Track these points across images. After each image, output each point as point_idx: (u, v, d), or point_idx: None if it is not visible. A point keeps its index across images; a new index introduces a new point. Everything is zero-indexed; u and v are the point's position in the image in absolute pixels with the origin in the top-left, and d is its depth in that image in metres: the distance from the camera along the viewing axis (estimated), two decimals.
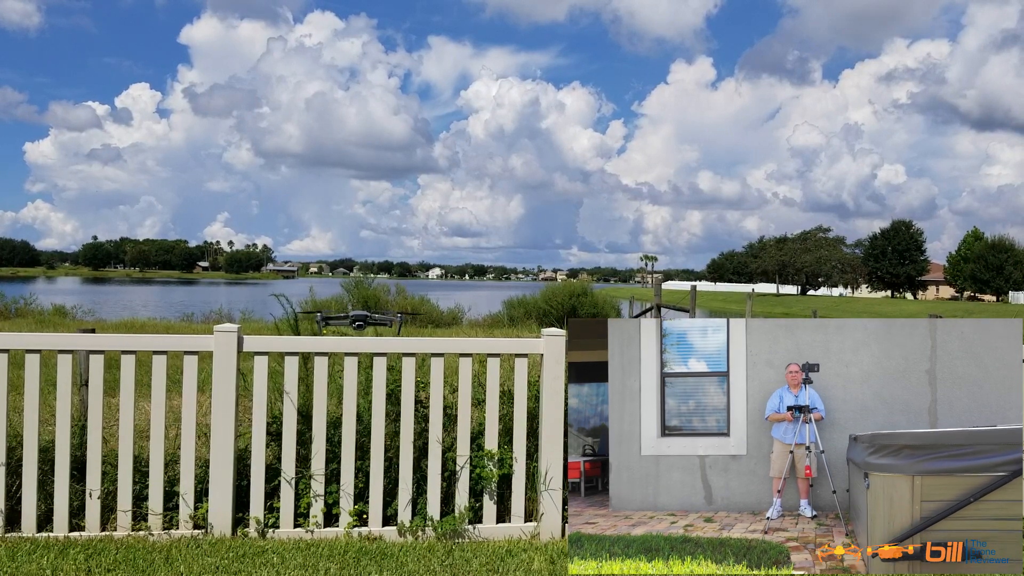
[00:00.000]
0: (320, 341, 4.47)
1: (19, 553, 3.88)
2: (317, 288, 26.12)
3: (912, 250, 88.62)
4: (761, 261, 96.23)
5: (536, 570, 3.92)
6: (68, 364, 4.20)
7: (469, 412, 4.53)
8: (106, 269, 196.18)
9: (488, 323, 24.77)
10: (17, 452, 4.29)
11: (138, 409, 4.44)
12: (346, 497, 4.40)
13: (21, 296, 23.11)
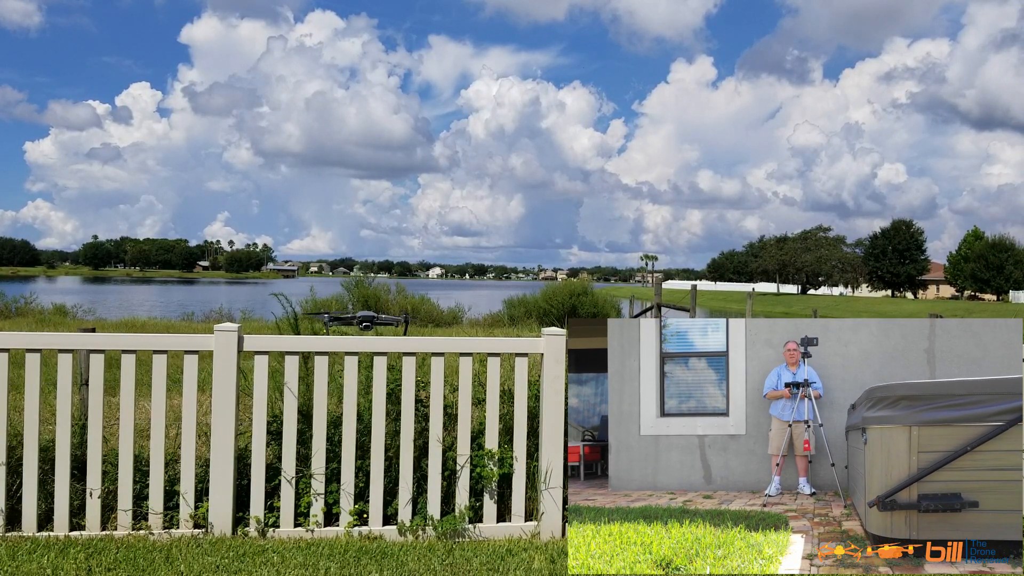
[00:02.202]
0: (320, 340, 4.47)
1: (20, 552, 3.88)
2: (317, 287, 26.14)
3: (912, 249, 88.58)
4: (761, 260, 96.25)
5: (536, 569, 3.92)
6: (68, 363, 4.20)
7: (469, 411, 4.53)
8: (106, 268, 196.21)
9: (488, 322, 24.77)
10: (18, 451, 4.30)
11: (138, 408, 4.44)
12: (346, 496, 4.40)
13: (21, 295, 23.11)
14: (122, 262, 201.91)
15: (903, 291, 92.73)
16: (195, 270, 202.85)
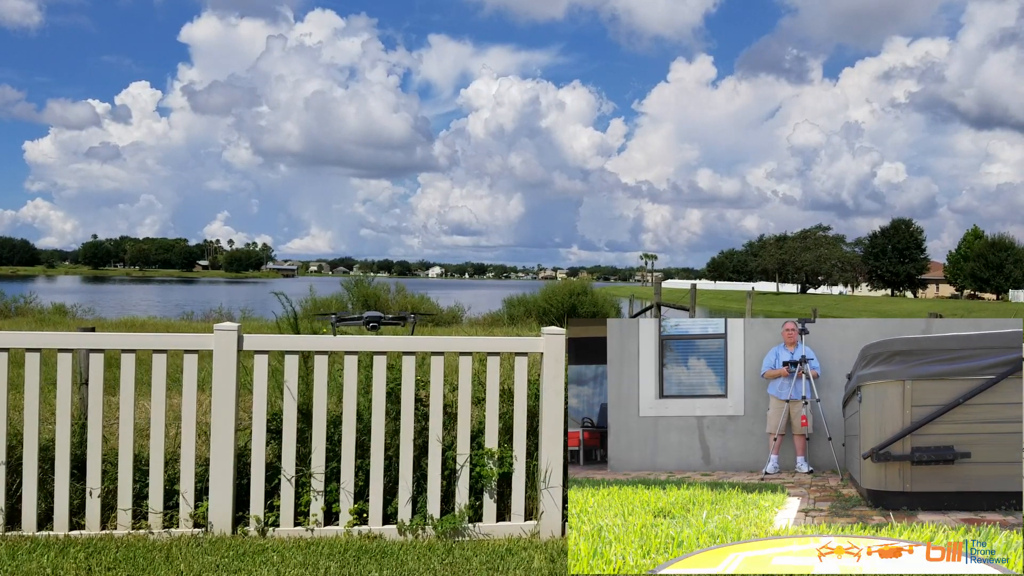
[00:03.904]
0: (320, 340, 4.47)
1: (19, 552, 3.88)
2: (317, 287, 26.10)
3: (912, 248, 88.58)
4: (761, 260, 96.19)
5: (536, 568, 3.92)
6: (68, 363, 4.19)
7: (469, 411, 4.53)
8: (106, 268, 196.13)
9: (488, 322, 24.75)
10: (17, 451, 4.29)
11: (138, 408, 4.44)
12: (346, 495, 4.40)
13: (21, 295, 23.09)
14: (122, 261, 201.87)
15: (903, 290, 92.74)
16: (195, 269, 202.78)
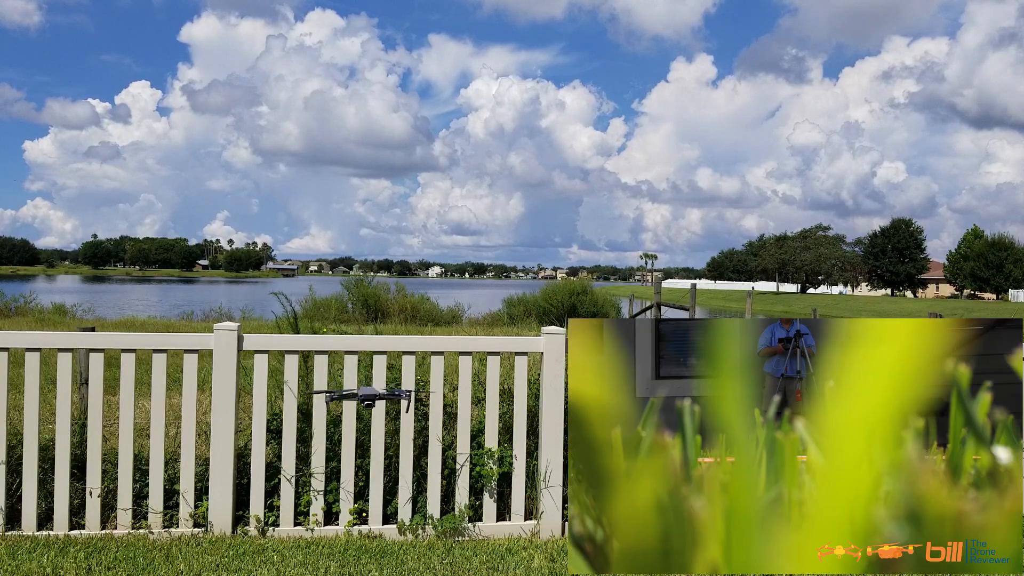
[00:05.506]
0: (320, 339, 4.47)
1: (19, 551, 3.88)
2: (317, 286, 26.14)
3: (912, 248, 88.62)
4: (761, 259, 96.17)
5: (536, 568, 3.92)
6: (68, 362, 4.19)
7: (469, 410, 4.53)
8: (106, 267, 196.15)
9: (488, 321, 24.76)
10: (17, 450, 4.30)
11: (138, 407, 4.44)
12: (346, 495, 4.41)
13: (21, 294, 23.04)
14: (121, 261, 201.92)
15: (903, 290, 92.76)
16: (195, 269, 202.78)
